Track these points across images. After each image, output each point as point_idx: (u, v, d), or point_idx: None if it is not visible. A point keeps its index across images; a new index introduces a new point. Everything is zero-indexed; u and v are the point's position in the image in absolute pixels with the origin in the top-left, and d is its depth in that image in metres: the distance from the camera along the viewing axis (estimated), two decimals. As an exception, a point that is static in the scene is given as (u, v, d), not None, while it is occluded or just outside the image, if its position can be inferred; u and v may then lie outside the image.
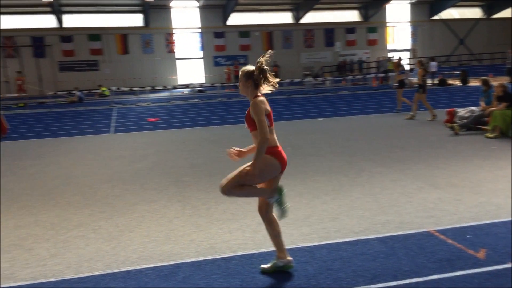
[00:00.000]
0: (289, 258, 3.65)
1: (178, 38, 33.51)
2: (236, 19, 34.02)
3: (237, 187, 3.47)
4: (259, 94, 3.58)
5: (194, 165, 7.85)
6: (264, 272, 3.65)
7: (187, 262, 3.88)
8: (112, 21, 31.85)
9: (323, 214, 4.96)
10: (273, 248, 3.74)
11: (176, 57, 33.56)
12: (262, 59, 3.57)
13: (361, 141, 9.54)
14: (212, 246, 4.22)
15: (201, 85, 29.98)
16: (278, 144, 3.61)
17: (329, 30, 36.75)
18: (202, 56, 34.24)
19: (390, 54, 35.08)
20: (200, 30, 33.80)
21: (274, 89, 3.67)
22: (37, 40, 30.47)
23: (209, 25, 33.54)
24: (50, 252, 4.25)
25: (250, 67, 3.65)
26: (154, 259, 3.98)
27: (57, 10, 29.99)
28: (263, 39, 34.91)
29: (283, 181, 3.70)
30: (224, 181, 3.51)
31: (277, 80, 3.68)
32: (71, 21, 31.30)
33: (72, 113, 18.65)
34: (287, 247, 3.86)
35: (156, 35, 32.53)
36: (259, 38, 34.79)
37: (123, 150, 9.77)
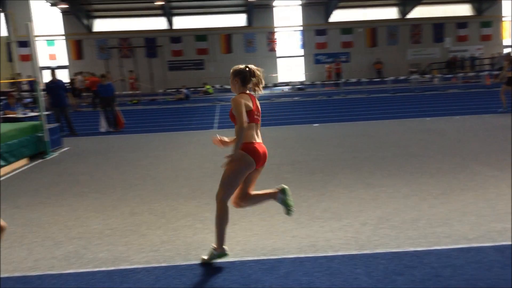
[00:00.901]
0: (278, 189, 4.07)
1: (279, 36, 33.85)
2: (338, 16, 33.52)
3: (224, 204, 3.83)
4: (247, 92, 3.86)
5: (294, 162, 7.88)
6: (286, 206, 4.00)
7: (289, 258, 3.91)
8: (217, 21, 33.09)
9: (431, 218, 4.70)
10: (378, 250, 3.66)
11: (277, 55, 33.94)
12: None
13: (474, 142, 8.91)
14: (314, 244, 4.21)
15: (301, 83, 30.02)
16: (255, 140, 3.81)
17: (438, 25, 34.75)
18: (302, 54, 34.25)
19: (506, 50, 32.27)
20: (301, 28, 33.82)
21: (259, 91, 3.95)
22: (150, 41, 32.60)
23: (311, 22, 33.42)
24: (162, 239, 4.53)
25: (239, 66, 3.94)
26: (256, 252, 4.07)
27: (168, 13, 31.83)
28: (367, 35, 34.02)
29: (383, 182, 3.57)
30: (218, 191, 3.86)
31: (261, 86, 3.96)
32: (180, 22, 33.06)
33: (179, 110, 19.69)
34: (392, 250, 3.78)
35: (258, 34, 33.16)
36: (362, 34, 33.96)
37: (226, 145, 10.10)
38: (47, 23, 30.65)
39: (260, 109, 3.97)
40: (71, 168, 8.35)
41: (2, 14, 29.94)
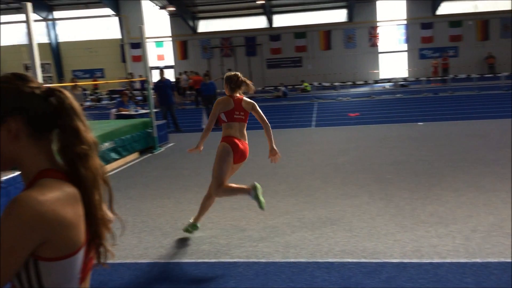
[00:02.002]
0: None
1: (381, 31, 32.71)
2: (447, 8, 31.53)
3: (221, 189, 4.40)
4: (235, 95, 4.51)
5: (397, 163, 7.57)
6: (185, 231, 4.60)
7: (392, 262, 3.76)
8: (316, 18, 32.84)
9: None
10: (490, 259, 3.38)
11: (379, 50, 32.83)
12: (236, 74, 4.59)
13: None
14: (418, 249, 4.00)
15: (404, 79, 28.75)
16: (233, 135, 4.43)
17: (562, 14, 31.23)
18: (406, 48, 32.77)
19: None
20: (405, 22, 32.38)
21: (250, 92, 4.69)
22: (250, 40, 33.29)
23: (416, 16, 31.84)
24: (261, 235, 4.61)
25: (230, 73, 4.63)
26: (356, 254, 3.97)
27: (268, 11, 32.27)
28: (477, 28, 31.61)
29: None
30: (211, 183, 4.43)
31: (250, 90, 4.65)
32: (279, 20, 33.34)
33: (277, 107, 19.89)
34: (506, 260, 3.47)
35: (359, 29, 32.33)
36: (473, 27, 31.61)
37: (324, 144, 10.00)
38: (156, 26, 32.62)
39: (246, 109, 4.51)
40: (176, 163, 8.80)
41: (117, 18, 32.46)
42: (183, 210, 5.63)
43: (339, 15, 33.06)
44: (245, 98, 4.56)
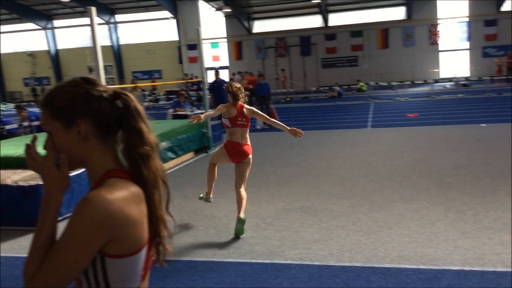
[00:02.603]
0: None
1: (442, 28, 31.52)
2: (512, 3, 29.92)
3: (210, 166, 5.21)
4: (237, 103, 4.97)
5: (458, 166, 7.27)
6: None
7: (452, 270, 3.61)
8: (373, 16, 32.15)
9: None
10: None
11: (439, 49, 31.66)
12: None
13: None
14: (481, 256, 3.82)
15: (466, 78, 27.56)
16: (232, 140, 4.95)
17: None
18: (468, 47, 31.41)
19: None
20: (467, 19, 31.04)
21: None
22: (304, 39, 33.12)
23: (479, 12, 30.45)
24: (314, 237, 4.57)
25: (234, 84, 5.13)
26: (415, 260, 3.85)
27: (324, 10, 31.96)
28: (548, 23, 29.74)
29: None
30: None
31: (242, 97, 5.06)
32: (335, 19, 32.91)
33: (331, 108, 19.66)
34: None
35: (419, 27, 31.33)
36: (542, 23, 29.78)
37: (381, 145, 9.76)
38: (212, 27, 33.16)
39: (247, 116, 4.96)
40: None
41: (175, 20, 33.31)
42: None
43: (398, 13, 32.18)
44: (245, 105, 5.03)
